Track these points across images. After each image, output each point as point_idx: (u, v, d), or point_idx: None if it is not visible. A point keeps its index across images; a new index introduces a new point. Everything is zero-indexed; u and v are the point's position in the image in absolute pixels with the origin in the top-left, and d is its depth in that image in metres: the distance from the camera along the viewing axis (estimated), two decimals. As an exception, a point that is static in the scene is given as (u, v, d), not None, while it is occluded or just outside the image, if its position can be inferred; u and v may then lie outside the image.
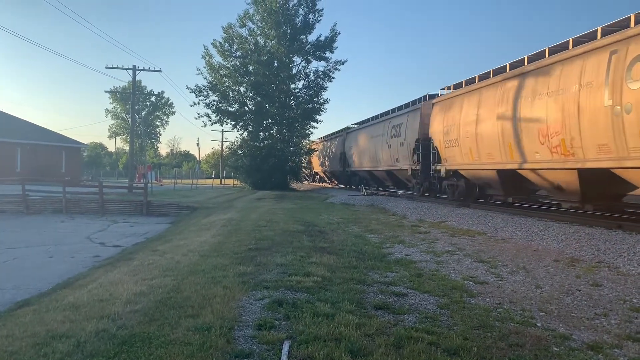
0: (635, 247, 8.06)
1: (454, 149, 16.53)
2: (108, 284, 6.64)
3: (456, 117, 16.36)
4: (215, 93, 36.79)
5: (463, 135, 15.81)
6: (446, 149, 17.22)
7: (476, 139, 15.00)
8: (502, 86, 13.81)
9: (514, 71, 13.54)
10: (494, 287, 6.15)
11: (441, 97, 18.42)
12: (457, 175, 17.27)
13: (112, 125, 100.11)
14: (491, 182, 15.29)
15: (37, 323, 4.84)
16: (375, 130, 26.56)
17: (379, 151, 25.57)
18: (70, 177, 39.96)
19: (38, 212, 20.21)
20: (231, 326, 4.26)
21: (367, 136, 28.04)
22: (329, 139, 40.47)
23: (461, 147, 15.95)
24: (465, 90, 16.20)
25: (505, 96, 13.53)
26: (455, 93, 16.98)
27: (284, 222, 12.78)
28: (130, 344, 3.82)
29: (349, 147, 32.62)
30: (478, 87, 15.38)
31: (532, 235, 10.15)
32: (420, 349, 3.81)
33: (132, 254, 10.38)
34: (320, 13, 36.28)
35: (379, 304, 5.15)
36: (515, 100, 13.05)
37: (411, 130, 20.79)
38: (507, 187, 14.58)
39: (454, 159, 16.72)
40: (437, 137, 18.05)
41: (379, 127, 25.90)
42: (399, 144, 22.21)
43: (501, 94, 13.80)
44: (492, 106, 14.12)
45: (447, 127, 17.07)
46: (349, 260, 7.66)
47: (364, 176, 30.45)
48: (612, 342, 4.21)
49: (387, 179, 26.21)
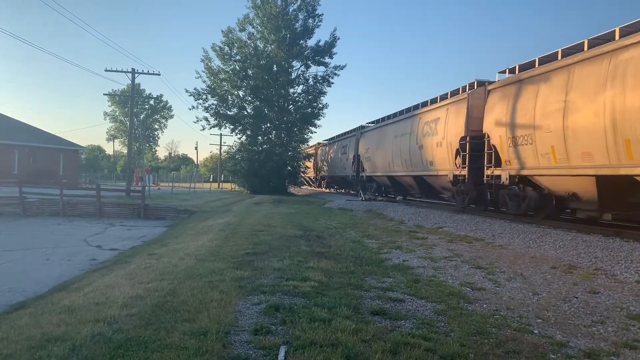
0: (633, 254, 8.07)
1: (525, 148, 12.69)
2: (104, 287, 6.61)
3: (528, 107, 12.50)
4: (214, 97, 36.89)
5: (540, 131, 11.97)
6: (511, 149, 13.30)
7: (564, 134, 11.16)
8: (613, 59, 9.96)
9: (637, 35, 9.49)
10: (491, 294, 6.15)
11: (502, 81, 14.49)
12: (525, 183, 13.39)
13: (111, 128, 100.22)
14: (580, 193, 11.38)
15: (32, 326, 4.82)
16: (399, 129, 22.27)
17: (404, 153, 21.34)
18: (68, 179, 39.85)
19: (35, 215, 20.16)
20: (227, 331, 4.25)
21: (388, 136, 23.77)
22: (335, 142, 37.21)
23: (536, 145, 12.11)
24: (542, 70, 12.30)
25: (620, 72, 9.68)
26: (525, 75, 13.07)
27: (281, 227, 12.76)
28: (126, 348, 3.80)
29: (364, 149, 28.22)
30: (565, 63, 11.47)
31: (529, 242, 10.15)
32: (417, 355, 3.80)
33: (128, 257, 10.34)
34: (320, 18, 36.51)
35: (376, 310, 5.14)
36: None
37: (454, 126, 16.61)
38: (606, 200, 10.76)
39: (524, 161, 12.83)
40: (495, 133, 14.16)
41: (404, 125, 21.70)
42: (435, 144, 17.97)
43: (611, 70, 9.91)
44: (594, 88, 10.35)
45: (512, 120, 13.22)
46: (346, 265, 7.65)
47: (383, 182, 26.28)
48: (609, 349, 4.20)
49: (413, 186, 22.06)
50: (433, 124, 18.34)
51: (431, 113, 18.91)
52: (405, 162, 21.34)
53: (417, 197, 24.22)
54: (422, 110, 20.03)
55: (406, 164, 21.29)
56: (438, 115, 18.02)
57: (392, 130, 23.36)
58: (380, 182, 26.68)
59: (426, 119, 19.18)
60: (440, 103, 18.36)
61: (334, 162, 37.05)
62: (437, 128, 17.93)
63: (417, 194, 23.48)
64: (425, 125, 19.16)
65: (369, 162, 27.07)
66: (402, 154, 21.71)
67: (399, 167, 22.21)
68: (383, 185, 26.94)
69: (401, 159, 21.83)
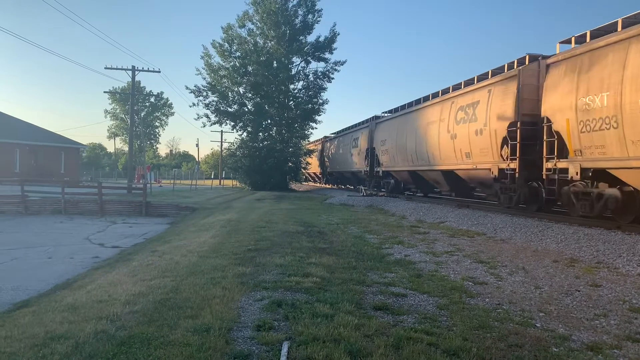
0: (635, 247, 8.06)
1: (604, 134, 10.18)
2: (107, 285, 6.63)
3: (611, 81, 10.01)
4: (215, 94, 36.86)
5: (630, 110, 9.44)
6: (584, 135, 10.86)
7: None
8: None
9: None
10: (493, 288, 6.15)
11: (567, 52, 11.83)
12: (602, 178, 10.88)
13: (111, 125, 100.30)
14: None
15: (35, 324, 4.83)
16: (424, 117, 19.58)
17: (431, 145, 18.63)
18: (69, 177, 39.94)
19: (37, 213, 20.19)
20: (230, 327, 4.25)
21: (411, 125, 21.02)
22: (344, 134, 34.69)
23: (624, 129, 9.61)
24: (634, 32, 9.62)
25: None
26: (604, 41, 10.49)
27: (283, 223, 12.77)
28: (129, 345, 3.81)
29: (380, 141, 25.43)
30: None
31: (531, 236, 10.15)
32: (420, 350, 3.81)
33: (131, 254, 10.36)
34: (320, 14, 36.40)
35: (378, 305, 5.14)
36: None
37: (499, 109, 14.00)
38: None
39: (603, 151, 10.35)
40: (560, 116, 11.70)
41: (431, 112, 18.92)
42: (473, 133, 15.38)
43: None
44: None
45: (585, 100, 10.72)
46: (348, 261, 7.65)
47: (403, 178, 23.70)
48: (611, 342, 4.20)
49: (441, 182, 19.34)
50: (470, 108, 15.55)
51: (467, 96, 16.02)
52: (432, 154, 18.62)
53: (445, 195, 21.51)
54: (454, 94, 17.20)
55: (433, 157, 18.58)
56: (477, 98, 15.23)
57: (416, 118, 20.56)
58: (400, 177, 24.01)
59: (461, 102, 16.36)
60: (479, 84, 15.58)
61: (343, 157, 34.46)
62: (475, 113, 15.15)
63: (445, 191, 20.64)
64: (459, 110, 16.39)
65: (387, 155, 24.17)
66: (428, 146, 18.87)
67: (424, 160, 19.44)
68: (402, 182, 24.33)
69: (427, 151, 18.98)
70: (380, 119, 26.77)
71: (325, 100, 37.94)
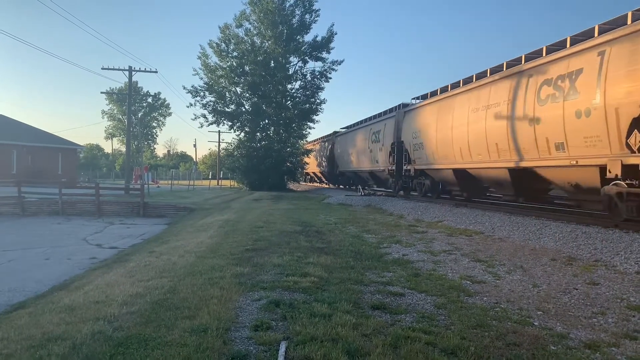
0: (632, 245, 8.07)
1: None
2: (104, 286, 6.61)
3: None
4: (212, 94, 36.83)
5: None
6: None
7: None
8: None
9: None
10: (491, 287, 6.15)
11: None
12: None
13: (109, 126, 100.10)
14: None
15: (33, 325, 4.82)
16: (481, 98, 15.15)
17: (496, 134, 14.28)
18: (67, 178, 39.83)
19: (34, 214, 20.15)
20: (228, 327, 4.25)
21: (460, 112, 16.39)
22: (361, 127, 29.67)
23: None
24: None
25: None
26: None
27: (281, 223, 12.76)
28: (127, 346, 3.80)
29: (410, 134, 20.87)
30: None
31: (529, 235, 10.16)
32: (418, 349, 3.80)
33: (128, 255, 10.35)
34: (317, 13, 36.40)
35: (376, 304, 5.14)
36: None
37: (622, 77, 9.83)
38: None
39: None
40: None
41: (494, 91, 14.48)
42: (573, 114, 11.05)
43: None
44: None
45: None
46: (346, 260, 7.65)
47: (444, 178, 19.08)
48: (609, 340, 4.20)
49: (506, 184, 14.78)
50: (564, 81, 11.38)
51: (557, 65, 11.80)
52: (494, 147, 14.32)
53: (509, 200, 16.06)
54: (533, 64, 12.82)
55: (495, 151, 14.30)
56: (577, 66, 11.07)
57: (466, 102, 16.05)
58: (439, 177, 19.50)
59: (549, 74, 12.04)
60: (579, 46, 11.21)
61: (358, 154, 29.66)
62: (575, 87, 11.05)
63: (509, 194, 15.35)
64: (543, 85, 12.14)
65: (421, 150, 19.62)
66: (488, 136, 14.61)
67: (480, 155, 15.21)
68: (442, 183, 19.84)
69: (486, 142, 14.72)
70: (409, 106, 21.88)
71: (323, 100, 37.95)
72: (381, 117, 25.92)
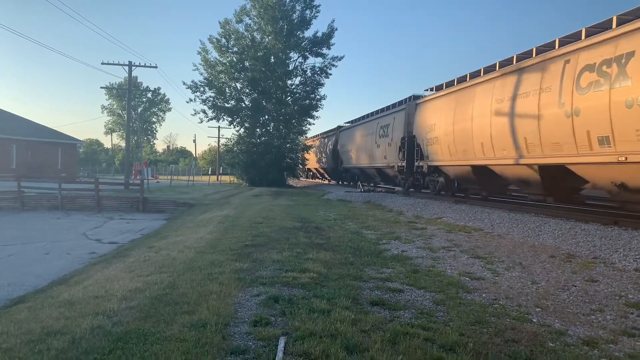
0: (631, 243, 8.08)
1: None
2: (104, 281, 6.62)
3: None
4: (212, 89, 36.75)
5: None
6: None
7: None
8: None
9: None
10: (490, 283, 6.16)
11: None
12: None
13: (108, 121, 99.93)
14: None
15: (32, 320, 4.83)
16: (505, 89, 13.60)
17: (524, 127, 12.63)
18: (66, 173, 39.79)
19: (34, 209, 20.15)
20: (227, 322, 4.25)
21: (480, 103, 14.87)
22: (364, 123, 28.47)
23: None
24: None
25: None
26: None
27: (280, 219, 12.77)
28: (126, 341, 3.81)
29: (425, 128, 18.94)
30: None
31: (528, 232, 10.17)
32: (416, 345, 3.81)
33: (128, 250, 10.36)
34: (317, 9, 36.28)
35: (375, 300, 5.15)
36: None
37: None
38: None
39: None
40: None
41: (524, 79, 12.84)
42: (622, 103, 9.65)
43: None
44: None
45: None
46: (345, 256, 7.66)
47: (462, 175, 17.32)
48: (607, 337, 4.22)
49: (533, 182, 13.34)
50: (613, 65, 9.91)
51: (603, 48, 10.34)
52: (523, 141, 12.63)
53: (535, 200, 14.10)
54: (572, 48, 11.28)
55: (525, 146, 12.58)
56: (629, 48, 9.57)
57: (488, 92, 14.45)
58: (454, 174, 17.90)
59: (591, 59, 10.57)
60: (630, 25, 9.80)
61: (363, 150, 28.15)
62: (626, 71, 9.57)
63: (537, 194, 13.67)
64: (584, 72, 10.66)
65: (436, 145, 17.99)
66: (516, 129, 12.88)
67: (507, 150, 13.45)
68: (457, 180, 18.14)
69: (515, 136, 12.99)
70: (420, 98, 20.51)
71: (323, 96, 37.90)
72: (390, 110, 24.41)
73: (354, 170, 31.90)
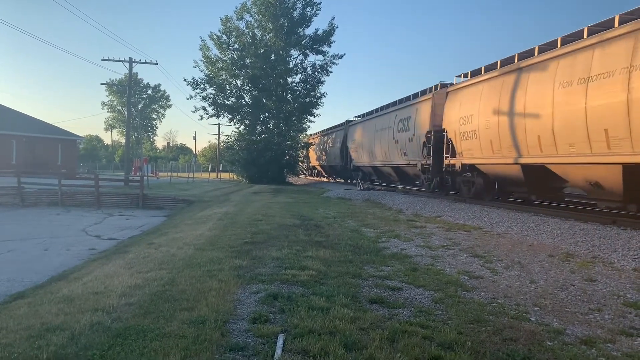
0: (630, 242, 8.09)
1: None
2: (103, 277, 6.63)
3: None
4: (212, 86, 36.77)
5: None
6: None
7: None
8: None
9: None
10: (488, 282, 6.17)
11: None
12: None
13: (109, 117, 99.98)
14: None
15: (31, 316, 4.83)
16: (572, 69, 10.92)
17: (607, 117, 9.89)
18: (66, 169, 39.77)
19: (33, 205, 20.15)
20: (226, 319, 4.26)
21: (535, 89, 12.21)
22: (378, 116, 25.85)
23: None
24: None
25: None
26: None
27: (280, 216, 12.78)
28: (125, 337, 3.82)
29: (458, 120, 16.41)
30: None
31: (527, 231, 10.17)
32: (415, 343, 3.82)
33: (127, 247, 10.36)
34: (318, 7, 36.29)
35: (374, 298, 5.16)
36: None
37: None
38: None
39: None
40: None
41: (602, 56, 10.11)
42: None
43: None
44: None
45: None
46: (344, 254, 7.67)
47: (504, 176, 14.77)
48: (605, 337, 4.23)
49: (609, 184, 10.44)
50: None
51: None
52: (604, 135, 9.97)
53: (611, 207, 11.01)
54: None
55: (605, 140, 9.95)
56: None
57: (549, 74, 11.69)
58: (497, 174, 15.16)
59: None
60: None
61: (377, 146, 25.53)
62: None
63: (615, 200, 10.57)
64: None
65: (472, 140, 15.47)
66: (592, 120, 10.22)
67: (576, 146, 10.77)
68: (499, 181, 15.56)
69: (588, 130, 10.33)
70: (449, 87, 17.90)
71: (323, 94, 37.96)
72: (411, 100, 21.34)
73: (365, 169, 29.09)
